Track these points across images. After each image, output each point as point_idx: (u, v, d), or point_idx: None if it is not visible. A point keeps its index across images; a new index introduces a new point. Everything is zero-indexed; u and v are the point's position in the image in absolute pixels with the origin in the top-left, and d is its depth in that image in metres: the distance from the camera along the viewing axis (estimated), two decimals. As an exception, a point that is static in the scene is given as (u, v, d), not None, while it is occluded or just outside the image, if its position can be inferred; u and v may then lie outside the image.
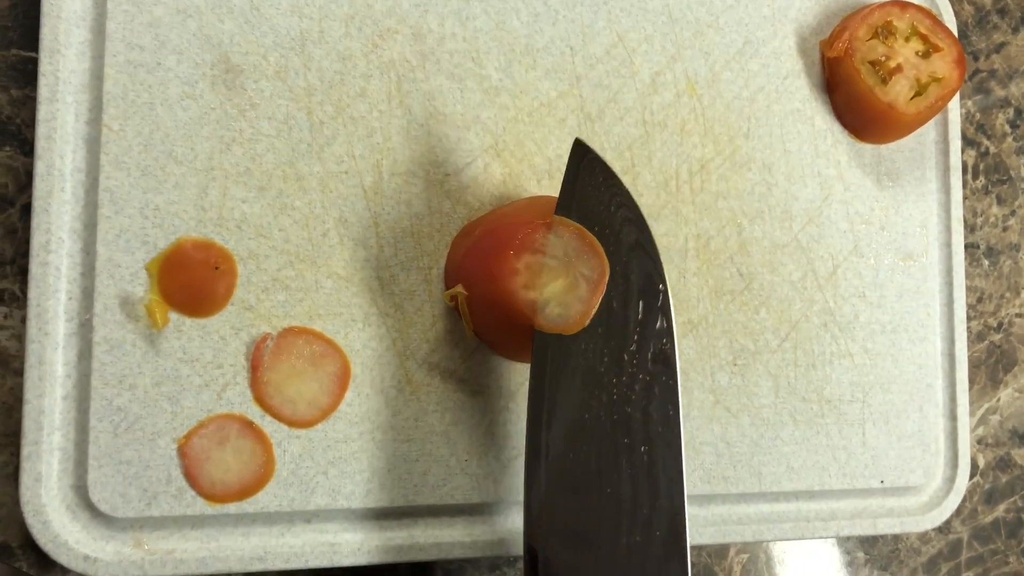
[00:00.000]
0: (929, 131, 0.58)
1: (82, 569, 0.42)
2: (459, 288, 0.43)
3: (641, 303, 0.41)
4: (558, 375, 0.40)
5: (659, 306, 0.42)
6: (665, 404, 0.41)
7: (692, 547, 0.56)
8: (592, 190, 0.42)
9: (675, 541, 0.39)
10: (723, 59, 0.54)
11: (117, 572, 0.42)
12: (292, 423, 0.45)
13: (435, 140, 0.48)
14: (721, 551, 0.57)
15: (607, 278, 0.41)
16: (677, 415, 0.41)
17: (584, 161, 0.42)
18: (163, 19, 0.44)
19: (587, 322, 0.41)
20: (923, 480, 0.56)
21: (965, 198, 0.60)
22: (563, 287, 0.41)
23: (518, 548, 0.48)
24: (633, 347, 0.41)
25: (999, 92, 0.65)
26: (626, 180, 0.51)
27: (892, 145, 0.57)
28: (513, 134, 0.49)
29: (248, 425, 0.44)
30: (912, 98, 0.54)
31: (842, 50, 0.54)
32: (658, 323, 0.41)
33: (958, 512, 0.61)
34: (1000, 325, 0.64)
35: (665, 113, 0.52)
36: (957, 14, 0.63)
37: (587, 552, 0.39)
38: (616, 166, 0.51)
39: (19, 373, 0.44)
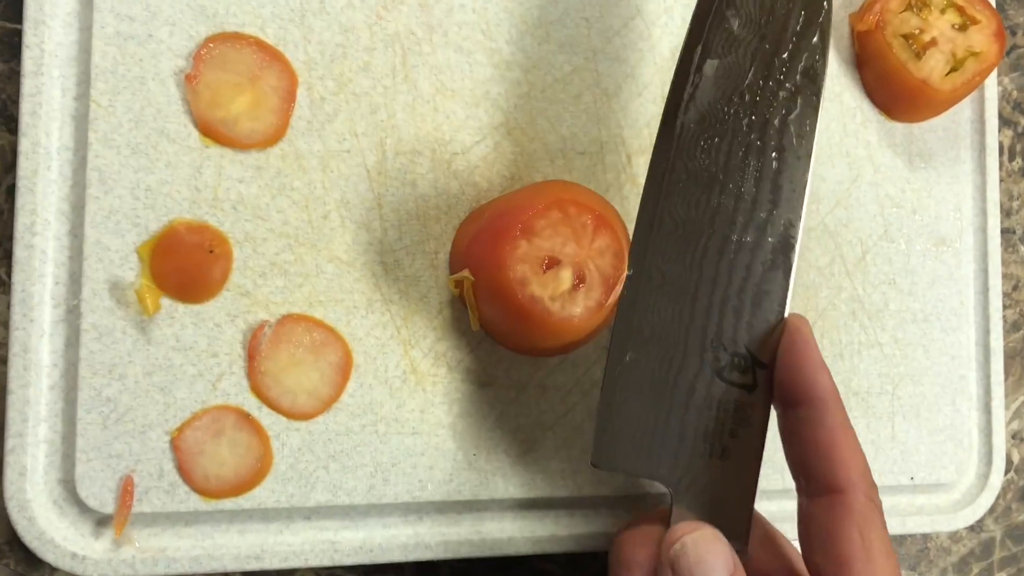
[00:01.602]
0: (964, 109, 0.55)
1: (70, 567, 0.40)
2: (465, 272, 0.41)
3: (803, 14, 0.41)
4: (704, 59, 0.41)
5: (819, 21, 0.41)
6: (804, 118, 0.41)
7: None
8: None
9: (784, 251, 0.40)
10: (747, 32, 0.51)
11: (107, 571, 0.40)
12: (291, 415, 0.42)
13: (442, 117, 0.45)
14: (741, 549, 0.55)
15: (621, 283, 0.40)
16: (813, 131, 0.41)
17: None
18: (154, -12, 0.42)
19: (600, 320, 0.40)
20: (955, 476, 0.53)
21: (1001, 180, 0.57)
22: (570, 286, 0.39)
23: (527, 548, 0.45)
24: (785, 55, 0.41)
25: (1037, 69, 0.62)
26: (644, 160, 0.48)
27: (925, 124, 0.54)
28: (525, 111, 0.46)
29: (244, 417, 0.42)
30: (947, 74, 0.51)
31: (873, 23, 0.51)
32: (815, 38, 0.41)
33: (991, 510, 0.58)
34: (1036, 314, 0.61)
35: (685, 89, 0.49)
36: (994, -14, 0.60)
37: (698, 239, 0.40)
38: (633, 145, 0.48)
39: (4, 360, 0.42)
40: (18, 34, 0.43)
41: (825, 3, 0.41)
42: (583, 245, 0.39)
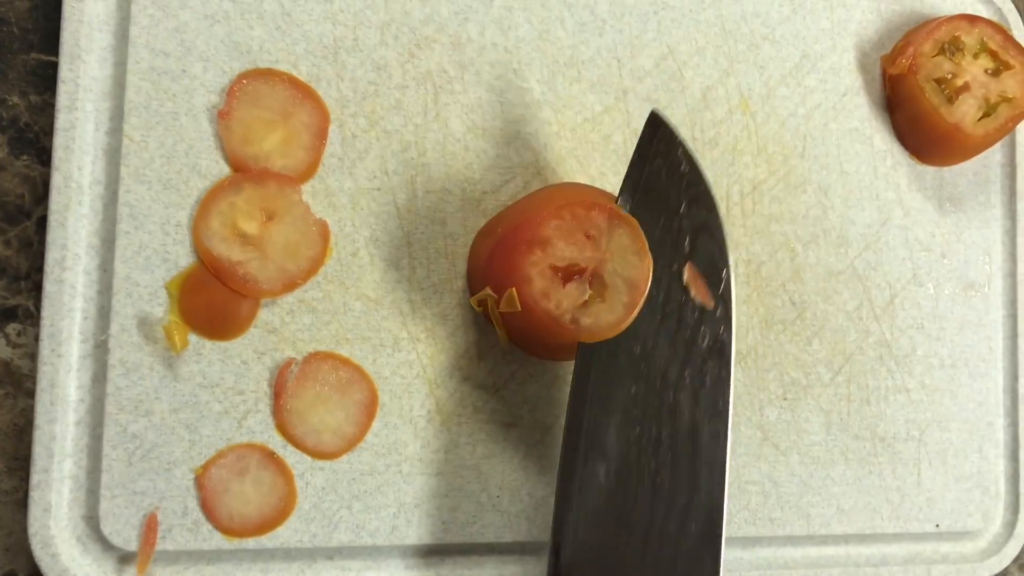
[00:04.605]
0: (995, 153, 0.55)
1: (91, 605, 0.39)
2: (488, 291, 0.40)
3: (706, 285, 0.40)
4: (607, 353, 0.39)
5: (719, 293, 0.40)
6: (715, 395, 0.40)
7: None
8: (661, 165, 0.41)
9: (710, 539, 0.38)
10: (778, 74, 0.50)
11: (128, 609, 0.40)
12: (315, 454, 0.42)
13: (472, 156, 0.45)
14: (763, 593, 0.54)
15: (649, 281, 0.39)
16: (727, 407, 0.40)
17: (657, 135, 0.41)
18: (189, 24, 0.42)
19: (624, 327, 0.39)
20: (981, 525, 0.53)
21: (1030, 224, 0.57)
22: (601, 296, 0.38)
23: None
24: (688, 333, 0.40)
25: (1067, 111, 0.61)
26: (673, 201, 0.48)
27: (955, 168, 0.54)
28: (555, 151, 0.46)
29: (269, 455, 0.42)
30: (980, 119, 0.50)
31: (905, 66, 0.51)
32: (718, 311, 0.40)
33: (1017, 559, 0.57)
34: (1063, 358, 0.60)
35: (716, 130, 0.49)
36: (1025, 29, 0.60)
37: (619, 536, 0.38)
38: (663, 186, 0.48)
39: (31, 394, 0.42)
40: (52, 66, 0.43)
41: (724, 272, 0.40)
42: (600, 246, 0.39)
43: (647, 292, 0.38)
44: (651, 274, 0.38)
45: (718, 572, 0.38)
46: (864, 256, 0.51)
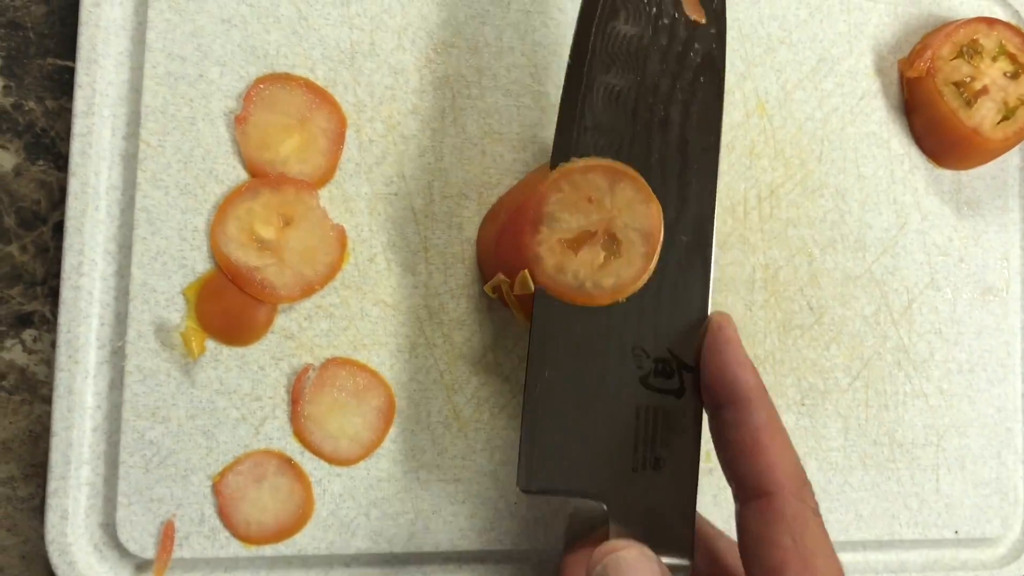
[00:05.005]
0: (1012, 157, 0.55)
1: (108, 613, 0.39)
2: (500, 277, 0.40)
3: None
4: (595, 59, 0.39)
5: (713, 8, 0.40)
6: (707, 109, 0.39)
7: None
8: None
9: (700, 248, 0.38)
10: (795, 78, 0.50)
11: (145, 617, 0.40)
12: (333, 460, 0.42)
13: (490, 160, 0.45)
14: (779, 599, 0.54)
15: (662, 226, 0.38)
16: (718, 121, 0.39)
17: None
18: (206, 29, 0.42)
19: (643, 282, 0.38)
20: (1000, 531, 0.52)
21: (1048, 228, 0.56)
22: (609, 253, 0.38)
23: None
24: (680, 48, 0.39)
25: (1083, 115, 0.61)
26: (691, 205, 0.47)
27: (973, 172, 0.53)
28: (572, 155, 0.46)
29: (287, 462, 0.41)
30: (999, 122, 0.50)
31: (923, 70, 0.50)
32: (711, 27, 0.40)
33: (1035, 565, 0.57)
34: (1080, 363, 0.60)
35: (733, 134, 0.49)
36: (1042, 31, 0.59)
37: None
38: (680, 190, 0.47)
39: (48, 400, 0.42)
40: (68, 71, 0.43)
41: None
42: (605, 206, 0.38)
43: (662, 237, 0.38)
44: (662, 219, 0.38)
45: (708, 276, 0.38)
46: (881, 260, 0.51)
